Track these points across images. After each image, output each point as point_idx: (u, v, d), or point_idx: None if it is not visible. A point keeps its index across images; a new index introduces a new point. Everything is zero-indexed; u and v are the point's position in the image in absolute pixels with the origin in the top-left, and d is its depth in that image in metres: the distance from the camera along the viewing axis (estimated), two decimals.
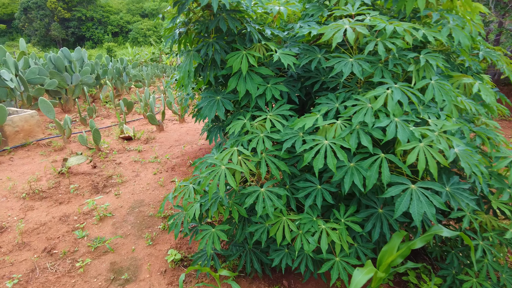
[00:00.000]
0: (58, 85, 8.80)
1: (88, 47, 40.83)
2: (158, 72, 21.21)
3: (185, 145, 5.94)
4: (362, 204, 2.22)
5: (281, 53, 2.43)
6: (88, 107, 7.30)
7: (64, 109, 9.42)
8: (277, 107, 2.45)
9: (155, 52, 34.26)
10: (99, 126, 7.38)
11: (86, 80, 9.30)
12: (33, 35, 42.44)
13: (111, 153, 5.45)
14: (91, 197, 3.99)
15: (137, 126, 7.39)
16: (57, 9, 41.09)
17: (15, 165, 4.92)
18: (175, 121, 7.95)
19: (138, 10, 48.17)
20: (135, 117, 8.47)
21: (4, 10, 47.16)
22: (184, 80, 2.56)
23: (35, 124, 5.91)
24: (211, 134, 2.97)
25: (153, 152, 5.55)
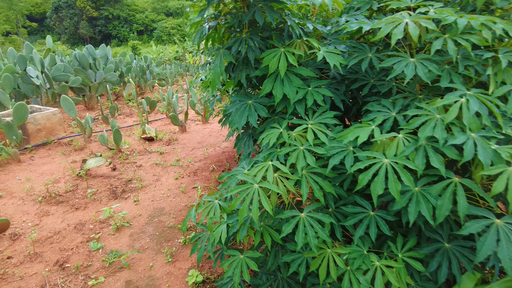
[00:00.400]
0: (82, 82, 8.73)
1: (114, 45, 41.57)
2: (181, 71, 21.18)
3: (208, 148, 5.65)
4: (423, 235, 1.83)
5: (325, 51, 2.06)
6: (111, 105, 7.15)
7: (88, 106, 9.36)
8: (319, 114, 2.08)
9: (179, 50, 34.42)
10: (121, 125, 7.21)
11: (109, 77, 9.20)
12: (63, 33, 43.63)
13: (131, 155, 5.22)
14: (108, 203, 3.75)
15: (159, 126, 7.17)
16: (86, 8, 42.04)
17: (35, 164, 4.76)
18: (198, 121, 7.69)
19: (163, 9, 48.65)
20: (157, 116, 8.28)
21: (37, 9, 48.77)
22: (214, 83, 2.23)
23: (57, 122, 5.77)
24: (239, 142, 2.63)
25: (175, 155, 5.29)
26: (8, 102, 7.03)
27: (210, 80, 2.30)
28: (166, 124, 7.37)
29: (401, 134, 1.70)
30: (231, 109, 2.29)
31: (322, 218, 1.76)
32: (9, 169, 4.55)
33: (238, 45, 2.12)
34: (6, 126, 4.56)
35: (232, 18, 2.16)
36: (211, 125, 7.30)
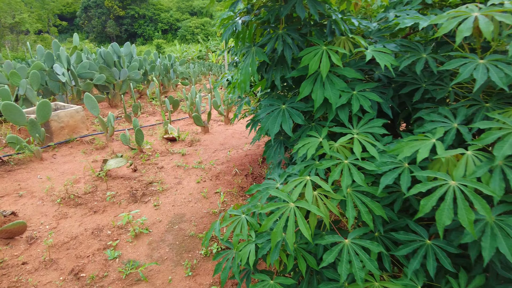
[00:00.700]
0: (106, 80, 8.73)
1: (139, 44, 42.26)
2: (204, 70, 21.16)
3: (230, 150, 5.44)
4: (492, 272, 1.52)
5: (373, 50, 1.79)
6: (134, 104, 7.07)
7: (111, 104, 9.38)
8: (365, 122, 1.81)
9: (202, 50, 34.56)
10: (143, 124, 7.12)
11: (133, 75, 9.18)
12: (91, 32, 44.76)
13: (153, 156, 5.08)
14: (128, 206, 3.59)
15: (182, 126, 7.03)
16: (113, 7, 42.96)
17: (56, 163, 4.69)
18: (221, 122, 7.51)
19: (187, 8, 49.08)
20: (180, 115, 8.16)
21: (68, 9, 50.28)
22: (244, 84, 2.00)
23: (79, 120, 5.72)
24: (269, 150, 2.38)
25: (197, 157, 5.11)
26: (35, 98, 7.08)
27: (240, 81, 2.07)
28: (189, 124, 7.23)
29: (470, 150, 1.41)
30: (262, 114, 2.05)
31: (369, 246, 1.49)
32: (31, 167, 4.49)
33: (274, 42, 1.88)
34: (30, 123, 4.51)
35: (268, 12, 1.92)
36: (233, 126, 7.10)
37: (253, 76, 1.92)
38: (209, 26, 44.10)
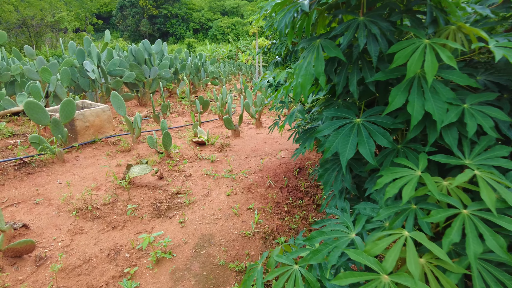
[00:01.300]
0: (136, 78, 8.48)
1: (170, 43, 42.73)
2: (234, 70, 20.83)
3: (263, 158, 4.93)
4: None
5: (500, 45, 1.21)
6: (163, 103, 6.72)
7: (141, 102, 9.13)
8: (482, 148, 1.24)
9: (232, 49, 34.36)
10: (172, 125, 6.75)
11: (163, 74, 8.88)
12: (125, 30, 45.77)
13: (181, 161, 4.66)
14: (150, 222, 3.16)
15: (211, 128, 6.61)
16: (147, 7, 43.70)
17: (78, 166, 4.37)
18: (251, 125, 7.03)
19: (219, 8, 49.18)
20: (210, 117, 7.75)
21: (105, 8, 51.77)
22: (303, 88, 1.47)
23: (106, 120, 5.40)
24: (327, 174, 1.83)
25: (227, 164, 4.64)
26: (65, 95, 6.89)
27: (297, 84, 1.54)
28: (219, 126, 6.79)
29: None
30: (326, 130, 1.51)
31: None
32: (52, 170, 4.18)
33: (353, 32, 1.34)
34: (53, 123, 4.21)
35: None
36: (265, 130, 6.59)
37: (320, 78, 1.38)
38: (240, 25, 43.92)
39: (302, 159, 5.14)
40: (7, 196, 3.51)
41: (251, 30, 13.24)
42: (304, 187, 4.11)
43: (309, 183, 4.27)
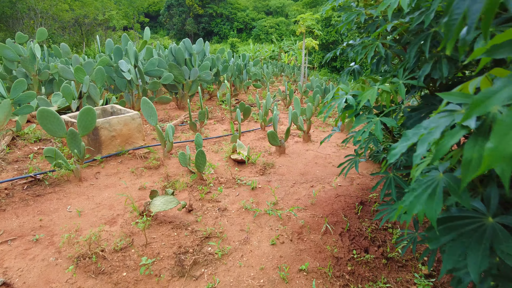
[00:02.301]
0: (175, 79, 7.82)
1: (214, 42, 42.66)
2: (276, 71, 19.86)
3: (315, 187, 3.95)
4: None
5: None
6: (200, 110, 5.93)
7: (179, 105, 8.48)
8: None
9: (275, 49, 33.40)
10: (209, 134, 5.95)
11: (204, 76, 8.14)
12: (172, 29, 46.47)
13: (215, 187, 3.80)
14: (170, 284, 2.31)
15: (252, 141, 5.72)
16: (193, 6, 43.97)
17: (97, 186, 3.65)
18: (298, 137, 6.05)
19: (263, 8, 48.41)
20: (251, 125, 6.87)
21: (153, 7, 53.02)
22: None
23: (135, 129, 4.70)
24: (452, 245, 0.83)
25: (270, 193, 3.71)
26: (98, 97, 6.34)
27: None
28: (260, 138, 5.88)
29: None
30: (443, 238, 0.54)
31: None
32: (65, 191, 3.49)
33: None
34: (70, 135, 3.52)
35: None
36: (314, 145, 5.58)
37: None
38: (284, 25, 42.84)
39: (364, 188, 4.09)
40: (4, 227, 2.84)
41: (298, 29, 12.20)
42: (369, 231, 3.08)
43: (375, 225, 3.23)
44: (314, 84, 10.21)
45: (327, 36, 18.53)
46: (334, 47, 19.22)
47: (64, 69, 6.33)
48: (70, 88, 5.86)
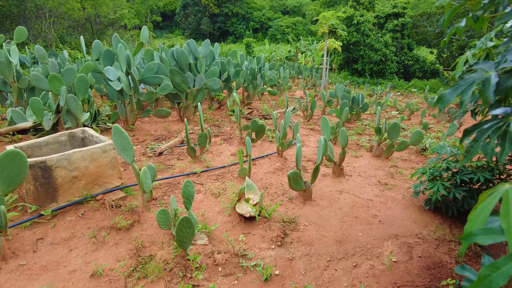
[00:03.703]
0: (177, 87, 6.53)
1: (229, 42, 41.40)
2: (293, 73, 18.39)
3: (360, 268, 2.56)
4: None
5: None
6: (200, 133, 4.59)
7: (182, 117, 7.19)
8: None
9: (291, 50, 31.85)
10: (211, 163, 4.60)
11: (211, 84, 6.82)
12: (187, 29, 45.48)
13: (208, 274, 2.45)
14: None
15: (266, 173, 4.34)
16: (209, 5, 42.81)
17: (29, 269, 2.37)
18: (326, 168, 4.66)
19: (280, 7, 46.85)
20: (265, 147, 5.50)
21: (169, 7, 52.23)
22: None
23: (107, 164, 3.41)
24: None
25: (296, 281, 2.34)
26: (80, 111, 5.11)
27: None
28: (277, 169, 4.50)
29: None
30: None
31: None
32: None
33: None
34: None
35: None
36: (348, 182, 4.18)
37: None
38: (301, 25, 41.19)
39: (430, 266, 2.68)
40: None
41: (321, 29, 10.73)
42: None
43: None
44: (339, 92, 8.75)
45: (348, 37, 16.94)
46: (355, 48, 17.62)
47: (38, 77, 5.11)
48: (40, 102, 4.63)
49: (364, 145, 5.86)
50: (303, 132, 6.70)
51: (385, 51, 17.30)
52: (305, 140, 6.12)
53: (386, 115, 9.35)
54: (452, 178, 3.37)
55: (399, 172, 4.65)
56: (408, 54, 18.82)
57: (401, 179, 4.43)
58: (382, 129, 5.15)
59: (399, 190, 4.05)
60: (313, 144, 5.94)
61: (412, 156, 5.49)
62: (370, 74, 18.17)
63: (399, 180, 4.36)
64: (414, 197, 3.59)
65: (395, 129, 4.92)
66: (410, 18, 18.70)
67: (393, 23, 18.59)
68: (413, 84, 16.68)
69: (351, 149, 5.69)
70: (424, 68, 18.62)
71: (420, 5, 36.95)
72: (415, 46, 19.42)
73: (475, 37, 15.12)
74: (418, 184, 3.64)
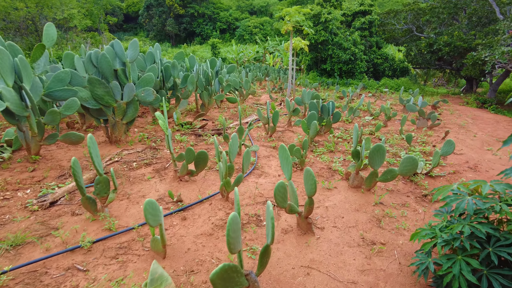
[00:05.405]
0: (100, 101, 4.93)
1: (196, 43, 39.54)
2: (260, 75, 17.00)
3: None
4: None
5: None
6: (98, 178, 3.02)
7: (111, 139, 5.56)
8: None
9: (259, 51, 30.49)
10: (115, 224, 3.07)
11: (143, 96, 5.24)
12: (151, 30, 43.07)
13: None
14: None
15: (198, 234, 2.85)
16: (173, 6, 40.69)
17: None
18: (289, 218, 3.24)
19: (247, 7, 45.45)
20: (207, 183, 4.01)
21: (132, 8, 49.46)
22: None
23: None
24: None
25: None
26: None
27: None
28: (217, 227, 3.03)
29: None
30: None
31: None
32: None
33: None
34: None
35: None
36: (320, 246, 2.79)
37: None
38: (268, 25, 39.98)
39: None
40: None
41: (284, 27, 9.37)
42: None
43: None
44: (307, 98, 7.41)
45: (316, 36, 15.76)
46: (323, 47, 16.48)
47: None
48: None
49: (339, 170, 4.51)
50: (264, 152, 5.28)
51: (354, 49, 16.28)
52: (265, 165, 4.70)
53: (360, 121, 8.13)
54: (483, 252, 2.06)
55: (387, 216, 3.33)
56: (377, 53, 17.95)
57: (393, 228, 3.10)
58: (362, 153, 3.81)
59: (393, 253, 2.70)
60: (275, 170, 4.53)
61: (400, 184, 4.20)
62: (340, 74, 17.11)
63: (390, 232, 3.02)
64: (420, 275, 2.25)
65: (379, 154, 3.60)
66: (378, 16, 17.83)
67: (360, 21, 17.64)
68: (383, 83, 15.76)
69: (322, 177, 4.33)
70: (393, 67, 17.82)
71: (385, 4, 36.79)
72: (383, 44, 18.59)
73: (443, 34, 14.38)
74: (425, 257, 2.30)
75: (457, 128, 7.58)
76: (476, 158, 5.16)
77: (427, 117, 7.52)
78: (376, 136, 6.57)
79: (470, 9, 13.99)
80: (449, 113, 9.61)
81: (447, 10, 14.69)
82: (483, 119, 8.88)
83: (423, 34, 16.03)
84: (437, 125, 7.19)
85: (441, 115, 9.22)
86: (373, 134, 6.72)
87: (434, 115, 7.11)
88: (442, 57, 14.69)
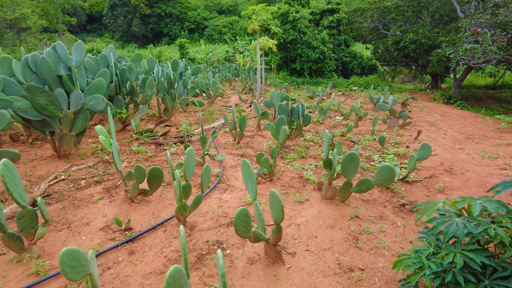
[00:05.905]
0: (46, 112, 4.30)
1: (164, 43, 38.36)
2: (230, 76, 16.52)
3: None
4: None
5: None
6: (20, 211, 2.47)
7: (60, 153, 4.92)
8: None
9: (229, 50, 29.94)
10: (49, 262, 2.55)
11: (92, 104, 4.64)
12: (117, 31, 41.36)
13: None
14: None
15: (147, 273, 2.38)
16: (139, 6, 39.26)
17: None
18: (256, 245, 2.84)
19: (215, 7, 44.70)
20: (164, 203, 3.53)
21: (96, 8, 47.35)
22: None
23: None
24: None
25: None
26: None
27: None
28: (170, 261, 2.57)
29: None
30: None
31: None
32: None
33: None
34: None
35: None
36: (291, 279, 2.41)
37: None
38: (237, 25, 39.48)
39: None
40: None
41: (251, 26, 8.97)
42: None
43: None
44: (276, 100, 7.05)
45: (285, 35, 15.49)
46: (292, 46, 16.26)
47: None
48: None
49: (310, 179, 4.16)
50: (231, 161, 4.84)
51: (323, 48, 16.18)
52: (232, 177, 4.27)
53: (331, 121, 7.89)
54: (478, 286, 1.74)
55: (365, 232, 3.00)
56: (346, 51, 17.98)
57: (371, 247, 2.77)
58: (334, 162, 3.47)
59: (373, 281, 2.36)
60: (242, 183, 4.12)
61: (375, 192, 3.91)
62: (310, 73, 16.97)
63: (368, 253, 2.69)
64: None
65: (352, 163, 3.28)
66: (345, 14, 17.86)
67: (328, 19, 17.59)
68: (352, 81, 15.76)
69: (293, 188, 3.96)
70: (362, 64, 17.92)
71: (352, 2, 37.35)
72: (352, 42, 18.67)
73: (409, 31, 14.56)
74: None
75: (428, 126, 7.50)
76: (450, 159, 5.00)
77: (398, 115, 7.38)
78: (348, 138, 6.31)
79: (433, 7, 14.25)
80: (419, 110, 9.60)
81: (411, 8, 14.88)
82: (451, 116, 8.92)
83: (390, 32, 16.19)
84: (408, 124, 7.07)
85: (411, 112, 9.18)
86: (344, 135, 6.46)
87: (405, 114, 6.97)
88: (408, 54, 14.87)
